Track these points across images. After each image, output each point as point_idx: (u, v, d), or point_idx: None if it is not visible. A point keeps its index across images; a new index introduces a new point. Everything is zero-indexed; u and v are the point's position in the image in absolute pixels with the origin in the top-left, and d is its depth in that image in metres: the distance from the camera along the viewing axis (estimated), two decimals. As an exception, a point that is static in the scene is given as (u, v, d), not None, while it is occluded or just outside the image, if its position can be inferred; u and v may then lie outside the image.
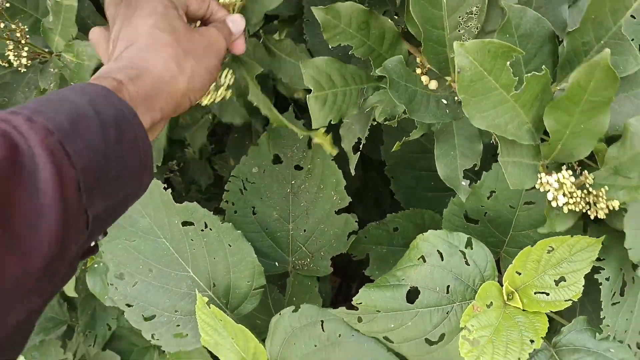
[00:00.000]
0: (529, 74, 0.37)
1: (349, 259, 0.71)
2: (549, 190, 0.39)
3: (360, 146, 0.55)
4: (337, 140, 0.54)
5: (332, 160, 0.63)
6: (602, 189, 0.40)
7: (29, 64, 0.55)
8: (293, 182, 0.65)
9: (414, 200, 0.72)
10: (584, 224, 0.45)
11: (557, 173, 0.40)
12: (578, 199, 0.40)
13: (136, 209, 0.56)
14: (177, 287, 0.58)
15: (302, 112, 0.64)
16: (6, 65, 0.58)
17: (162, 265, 0.57)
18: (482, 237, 0.53)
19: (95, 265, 0.71)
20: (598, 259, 0.47)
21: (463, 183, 0.49)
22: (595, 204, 0.40)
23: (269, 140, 0.64)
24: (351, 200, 0.64)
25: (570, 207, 0.40)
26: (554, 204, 0.40)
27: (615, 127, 0.41)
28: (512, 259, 0.49)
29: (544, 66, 0.37)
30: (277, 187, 0.65)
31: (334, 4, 0.47)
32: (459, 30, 0.45)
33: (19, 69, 0.56)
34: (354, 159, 0.55)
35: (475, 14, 0.44)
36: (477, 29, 0.45)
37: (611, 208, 0.40)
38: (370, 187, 0.86)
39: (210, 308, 0.55)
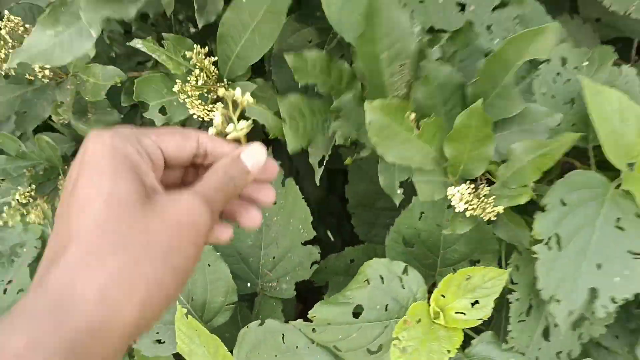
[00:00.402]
0: (425, 119, 0.52)
1: (312, 288, 0.81)
2: (452, 199, 0.52)
3: (325, 162, 0.65)
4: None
5: (302, 198, 0.73)
6: (490, 198, 0.53)
7: (50, 81, 0.65)
8: (267, 214, 0.75)
9: (371, 235, 0.83)
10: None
11: (459, 186, 0.52)
12: (475, 206, 0.52)
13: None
14: (160, 298, 0.67)
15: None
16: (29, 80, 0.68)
17: (149, 278, 0.67)
18: (420, 260, 0.64)
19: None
20: (513, 283, 0.59)
21: (398, 191, 0.60)
22: (485, 209, 0.53)
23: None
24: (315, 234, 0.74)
25: (469, 212, 0.52)
26: (456, 210, 0.52)
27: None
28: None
29: (433, 114, 0.52)
30: (252, 217, 0.75)
31: (303, 52, 0.59)
32: (394, 77, 0.58)
33: (43, 79, 0.65)
34: (318, 172, 0.66)
35: (406, 66, 0.57)
36: (409, 76, 0.57)
37: (497, 212, 0.53)
38: (333, 220, 0.97)
39: (187, 319, 0.64)
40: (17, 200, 0.68)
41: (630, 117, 0.55)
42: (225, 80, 0.61)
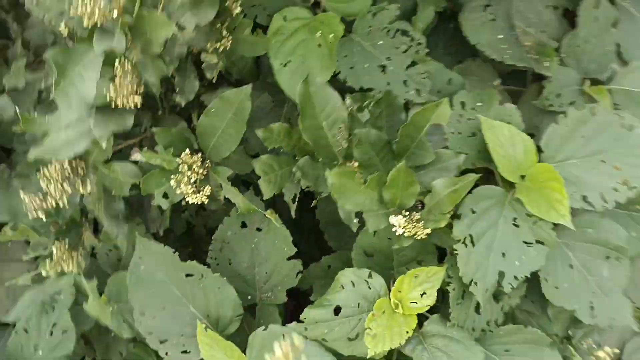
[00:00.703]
0: (370, 176, 0.72)
1: (301, 290, 0.99)
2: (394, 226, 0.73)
3: (297, 198, 0.85)
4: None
5: (282, 224, 0.91)
6: (420, 223, 0.74)
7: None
8: (256, 239, 0.93)
9: (341, 245, 1.01)
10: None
11: (397, 216, 0.73)
12: (410, 230, 0.72)
13: (154, 267, 0.83)
14: (183, 319, 0.85)
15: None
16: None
17: (171, 304, 0.84)
18: (380, 265, 0.83)
19: (111, 309, 0.95)
20: (449, 277, 0.78)
21: (355, 221, 0.80)
22: (417, 232, 0.74)
23: (237, 213, 0.92)
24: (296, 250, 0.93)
25: (407, 234, 0.73)
26: (396, 233, 0.73)
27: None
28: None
29: (377, 172, 0.72)
30: (245, 244, 0.93)
31: (270, 125, 0.78)
32: (336, 137, 0.77)
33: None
34: (293, 207, 0.86)
35: (342, 128, 0.76)
36: (347, 135, 0.77)
37: (427, 233, 0.74)
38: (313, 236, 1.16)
39: (207, 332, 0.82)
40: (56, 254, 0.84)
41: (518, 142, 0.75)
42: (208, 162, 0.81)
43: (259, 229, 0.93)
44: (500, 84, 0.93)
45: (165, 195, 0.80)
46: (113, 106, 0.66)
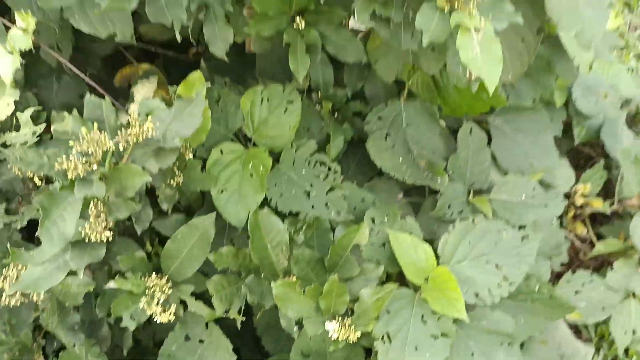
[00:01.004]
0: (308, 287, 0.84)
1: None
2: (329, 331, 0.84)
3: (242, 311, 0.95)
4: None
5: (223, 334, 1.01)
6: (352, 327, 0.85)
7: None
8: (199, 350, 1.01)
9: (278, 348, 1.11)
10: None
11: (331, 322, 0.84)
12: (343, 334, 0.84)
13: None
14: None
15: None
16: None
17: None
18: (315, 369, 0.93)
19: None
20: (373, 372, 0.90)
21: (295, 329, 0.91)
22: (350, 335, 0.85)
23: (181, 327, 1.01)
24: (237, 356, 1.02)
25: (340, 338, 0.84)
26: (332, 338, 0.83)
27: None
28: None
29: (313, 284, 0.84)
30: (189, 356, 1.01)
31: (219, 249, 0.89)
32: (279, 256, 0.90)
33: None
34: (239, 319, 0.96)
35: (284, 249, 0.89)
36: (287, 255, 0.90)
37: (357, 337, 0.85)
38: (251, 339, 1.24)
39: None
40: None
41: (420, 250, 0.91)
42: (170, 281, 0.90)
43: (201, 341, 1.01)
44: (404, 196, 1.11)
45: (132, 317, 0.89)
46: (87, 241, 0.75)
